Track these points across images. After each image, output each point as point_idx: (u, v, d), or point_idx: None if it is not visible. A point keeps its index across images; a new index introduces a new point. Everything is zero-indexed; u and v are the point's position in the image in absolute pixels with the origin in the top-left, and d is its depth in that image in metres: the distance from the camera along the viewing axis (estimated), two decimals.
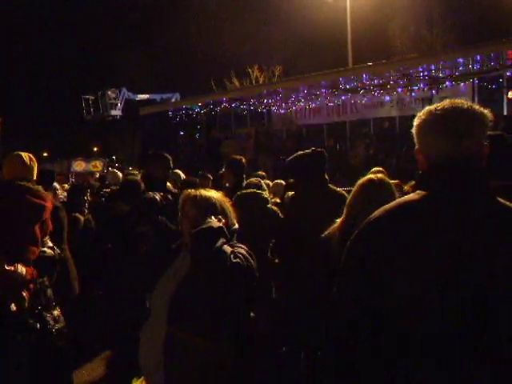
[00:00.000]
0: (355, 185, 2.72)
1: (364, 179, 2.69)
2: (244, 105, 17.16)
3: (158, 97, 21.93)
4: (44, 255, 2.82)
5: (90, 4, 36.77)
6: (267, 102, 16.71)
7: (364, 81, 13.44)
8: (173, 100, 21.03)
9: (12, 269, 2.44)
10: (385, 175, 2.85)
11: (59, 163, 19.02)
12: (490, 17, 21.68)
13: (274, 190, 5.40)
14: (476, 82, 12.08)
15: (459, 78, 12.23)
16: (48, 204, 2.83)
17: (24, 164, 3.02)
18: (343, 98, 14.95)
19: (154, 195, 3.86)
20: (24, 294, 2.57)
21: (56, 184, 6.13)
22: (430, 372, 1.38)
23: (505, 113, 11.47)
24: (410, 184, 4.37)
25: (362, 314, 1.47)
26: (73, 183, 12.24)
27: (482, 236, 1.39)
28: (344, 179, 9.41)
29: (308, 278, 3.16)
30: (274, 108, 17.22)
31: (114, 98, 21.72)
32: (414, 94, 13.22)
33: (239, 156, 5.18)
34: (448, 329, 1.36)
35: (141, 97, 21.99)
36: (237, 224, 2.44)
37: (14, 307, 2.49)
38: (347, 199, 2.78)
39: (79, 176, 15.98)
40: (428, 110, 1.56)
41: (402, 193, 3.30)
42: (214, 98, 17.51)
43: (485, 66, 11.43)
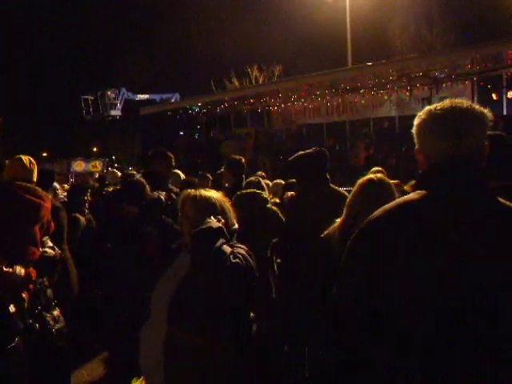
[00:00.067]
0: (355, 185, 2.72)
1: (364, 179, 2.69)
2: (244, 105, 17.14)
3: (157, 97, 21.98)
4: (45, 255, 2.82)
5: (90, 4, 36.79)
6: (267, 101, 16.70)
7: (364, 81, 13.43)
8: (172, 100, 21.06)
9: (10, 270, 2.44)
10: (385, 175, 2.85)
11: (59, 163, 19.02)
12: (489, 17, 21.68)
13: (274, 190, 5.39)
14: (476, 81, 12.08)
15: (459, 77, 12.22)
16: (47, 204, 2.83)
17: (24, 166, 3.07)
18: (343, 97, 14.95)
19: (159, 195, 3.85)
20: (23, 295, 2.57)
21: (56, 184, 6.13)
22: (429, 372, 1.38)
23: (504, 113, 11.47)
24: (410, 184, 4.37)
25: (362, 313, 1.47)
26: (72, 183, 12.24)
27: (482, 236, 1.39)
28: (344, 179, 9.41)
29: (308, 278, 3.16)
30: (274, 108, 17.21)
31: (114, 98, 21.77)
32: (413, 93, 13.22)
33: (239, 156, 5.18)
34: (448, 329, 1.36)
35: (140, 97, 22.05)
36: (237, 224, 2.44)
37: (13, 308, 2.49)
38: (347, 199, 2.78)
39: (79, 176, 15.97)
40: (428, 110, 1.56)
41: (401, 193, 3.30)
42: (214, 98, 17.49)
43: (485, 66, 11.43)
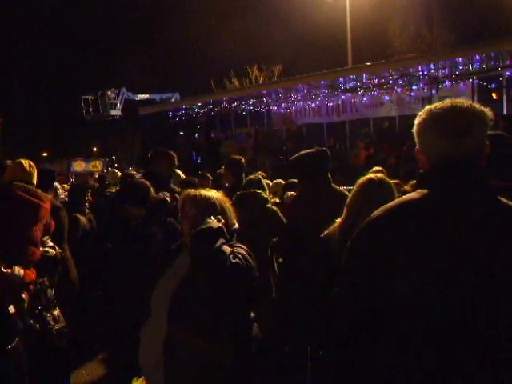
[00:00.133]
0: (355, 184, 2.71)
1: (364, 179, 2.68)
2: (244, 105, 17.14)
3: (157, 97, 21.92)
4: (46, 255, 2.83)
5: (90, 4, 36.79)
6: (267, 101, 16.70)
7: (364, 80, 13.44)
8: (172, 100, 21.02)
9: (9, 271, 2.43)
10: (385, 175, 2.85)
11: (59, 163, 18.99)
12: (489, 17, 21.67)
13: (274, 190, 5.39)
14: (476, 81, 12.08)
15: (459, 77, 12.22)
16: (46, 204, 2.83)
17: (24, 170, 3.21)
18: (343, 97, 14.95)
19: (164, 196, 3.82)
20: (23, 295, 2.57)
21: (57, 184, 6.11)
22: (430, 372, 1.38)
23: (504, 112, 11.47)
24: (411, 183, 4.37)
25: (362, 313, 1.47)
26: (73, 183, 12.23)
27: (483, 235, 1.39)
28: (344, 179, 9.40)
29: (308, 278, 3.16)
30: (274, 108, 17.21)
31: (114, 98, 21.70)
32: (413, 93, 13.22)
33: (239, 156, 5.18)
34: (448, 328, 1.36)
35: (140, 97, 21.98)
36: (237, 224, 2.44)
37: (12, 309, 2.48)
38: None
39: (79, 176, 15.95)
40: (428, 110, 1.56)
41: (401, 193, 3.30)
42: (214, 98, 17.49)
43: (484, 66, 11.43)
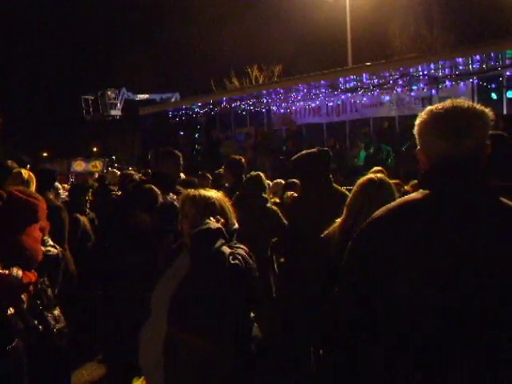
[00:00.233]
0: (355, 184, 2.71)
1: (364, 179, 2.68)
2: (244, 105, 17.14)
3: (157, 97, 21.88)
4: (48, 254, 2.83)
5: (90, 4, 36.79)
6: (267, 101, 16.69)
7: (364, 80, 13.43)
8: (172, 100, 20.98)
9: (6, 272, 2.42)
10: (385, 175, 2.85)
11: (59, 163, 18.95)
12: (489, 17, 21.67)
13: (274, 190, 5.39)
14: (476, 81, 12.07)
15: (459, 77, 12.22)
16: (42, 204, 2.83)
17: (22, 179, 3.66)
18: (343, 97, 14.95)
19: (171, 200, 3.76)
20: (22, 296, 2.56)
21: (58, 184, 6.10)
22: (430, 372, 1.38)
23: (505, 112, 11.46)
24: (412, 184, 4.37)
25: (362, 313, 1.47)
26: (73, 183, 12.23)
27: (483, 235, 1.39)
28: (344, 179, 9.40)
29: (308, 278, 3.16)
30: (274, 108, 17.21)
31: (114, 98, 21.66)
32: (413, 93, 13.20)
33: (239, 156, 5.18)
34: (448, 329, 1.36)
35: (140, 97, 21.94)
36: (237, 224, 2.44)
37: (11, 310, 2.48)
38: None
39: (79, 176, 15.94)
40: (429, 110, 1.56)
41: (401, 193, 3.30)
42: (214, 98, 17.46)
43: (484, 66, 11.42)
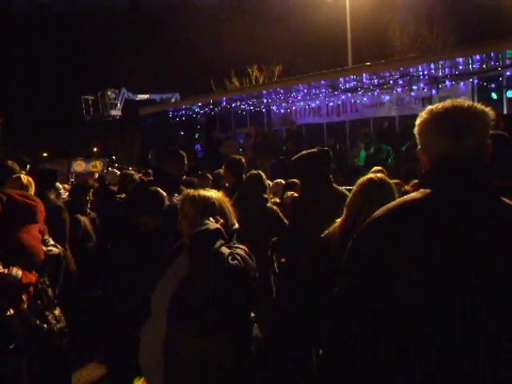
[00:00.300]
0: (355, 184, 2.71)
1: (364, 179, 2.68)
2: (244, 105, 17.13)
3: (157, 97, 21.86)
4: (50, 253, 2.83)
5: (90, 4, 36.78)
6: (267, 101, 16.69)
7: (364, 80, 13.42)
8: (173, 100, 20.96)
9: (6, 271, 2.42)
10: (385, 175, 2.84)
11: (59, 163, 18.94)
12: (490, 17, 21.69)
13: (274, 190, 5.39)
14: (476, 81, 12.07)
15: (459, 77, 12.21)
16: (40, 206, 2.83)
17: (21, 183, 3.76)
18: (343, 97, 14.94)
19: (177, 203, 3.72)
20: (23, 296, 2.56)
21: (59, 184, 6.08)
22: (430, 372, 1.38)
23: (505, 112, 11.45)
24: (412, 183, 4.37)
25: (362, 314, 1.47)
26: (73, 183, 12.22)
27: (483, 235, 1.39)
28: (344, 179, 9.40)
29: (308, 278, 3.16)
30: (274, 108, 17.20)
31: (114, 98, 21.63)
32: (413, 93, 13.20)
33: (239, 156, 5.18)
34: (448, 329, 1.36)
35: (141, 97, 21.91)
36: (237, 224, 2.44)
37: (11, 311, 2.47)
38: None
39: (79, 176, 15.93)
40: (429, 110, 1.56)
41: (401, 193, 3.30)
42: (214, 98, 17.45)
43: (485, 66, 11.42)
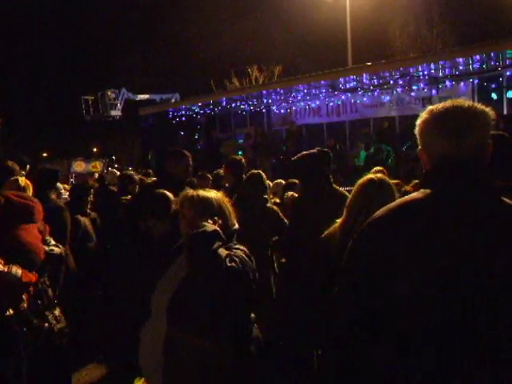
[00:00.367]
0: (355, 185, 2.71)
1: (364, 179, 2.68)
2: (244, 105, 17.14)
3: (157, 97, 21.85)
4: (52, 253, 2.83)
5: (90, 4, 36.78)
6: (267, 101, 16.70)
7: (364, 80, 13.43)
8: (173, 100, 20.96)
9: (6, 270, 2.41)
10: (385, 175, 2.85)
11: (59, 163, 18.93)
12: (490, 17, 21.69)
13: (274, 190, 5.40)
14: (476, 81, 12.07)
15: (459, 77, 12.22)
16: (38, 206, 2.84)
17: (19, 186, 3.75)
18: (343, 97, 14.94)
19: None
20: (23, 296, 2.56)
21: (59, 184, 6.08)
22: (430, 372, 1.38)
23: (505, 113, 11.46)
24: (413, 183, 4.37)
25: (362, 313, 1.47)
26: (73, 183, 12.23)
27: (483, 235, 1.39)
28: (344, 179, 9.41)
29: (308, 278, 3.16)
30: (274, 108, 17.21)
31: (114, 99, 21.62)
32: (413, 93, 13.21)
33: (239, 156, 5.18)
34: (448, 328, 1.36)
35: (140, 97, 21.90)
36: (237, 224, 2.43)
37: (11, 310, 2.47)
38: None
39: (79, 176, 15.94)
40: (430, 110, 1.56)
41: (401, 193, 3.30)
42: (214, 99, 17.45)
43: (485, 66, 11.42)
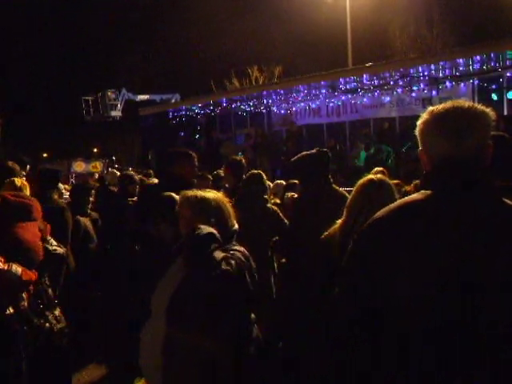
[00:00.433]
0: (355, 185, 2.71)
1: (364, 179, 2.68)
2: (244, 105, 17.14)
3: (157, 97, 21.84)
4: (55, 253, 2.84)
5: (90, 4, 36.76)
6: (267, 102, 16.70)
7: (364, 81, 13.43)
8: (173, 100, 20.96)
9: (6, 268, 2.41)
10: (385, 175, 2.85)
11: (59, 164, 18.92)
12: (490, 17, 21.68)
13: (275, 191, 5.40)
14: (476, 82, 12.07)
15: (459, 78, 12.22)
16: (36, 204, 2.84)
17: (15, 186, 3.78)
18: (343, 98, 14.94)
19: None
20: (23, 294, 2.56)
21: (61, 184, 6.07)
22: (430, 372, 1.38)
23: (505, 113, 11.45)
24: (414, 183, 4.37)
25: (362, 314, 1.47)
26: (74, 184, 12.22)
27: (483, 235, 1.39)
28: (344, 180, 9.40)
29: (308, 279, 3.16)
30: (274, 108, 17.20)
31: (114, 99, 21.61)
32: (413, 94, 13.20)
33: (239, 157, 5.19)
34: (448, 328, 1.36)
35: (141, 97, 21.89)
36: (237, 224, 2.43)
37: (11, 309, 2.47)
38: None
39: (79, 177, 15.92)
40: (430, 111, 1.56)
41: (401, 193, 3.31)
42: (214, 99, 17.46)
43: (485, 67, 11.42)
